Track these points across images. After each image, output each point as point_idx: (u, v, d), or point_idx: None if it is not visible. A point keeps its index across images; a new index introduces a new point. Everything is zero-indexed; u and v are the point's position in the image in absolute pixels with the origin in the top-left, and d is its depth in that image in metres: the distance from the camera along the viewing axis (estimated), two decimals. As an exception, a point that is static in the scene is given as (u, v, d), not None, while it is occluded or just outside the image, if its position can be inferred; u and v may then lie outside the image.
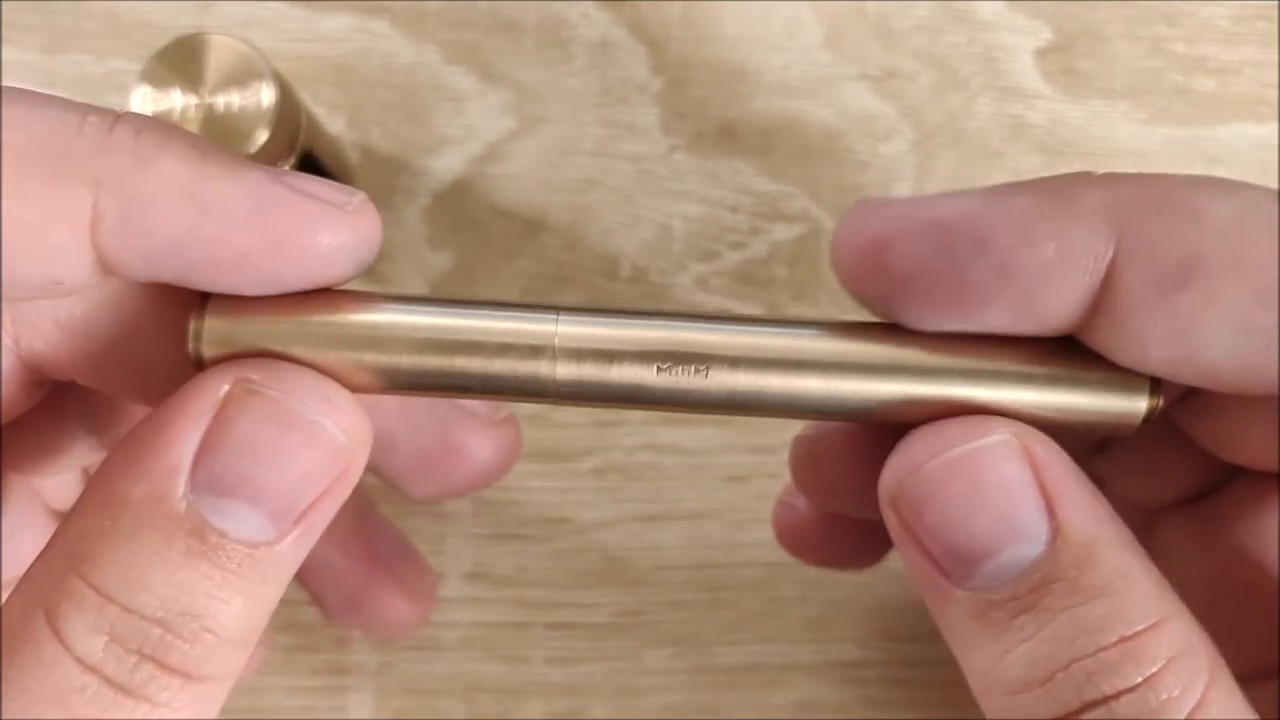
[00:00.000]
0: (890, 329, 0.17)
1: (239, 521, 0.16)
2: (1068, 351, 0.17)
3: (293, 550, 0.16)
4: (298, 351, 0.17)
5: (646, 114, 0.31)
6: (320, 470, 0.16)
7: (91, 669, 0.15)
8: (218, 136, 0.25)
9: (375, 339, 0.17)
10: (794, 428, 0.29)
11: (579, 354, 0.17)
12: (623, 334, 0.17)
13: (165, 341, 0.18)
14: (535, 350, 0.17)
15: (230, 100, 0.26)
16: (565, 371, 0.17)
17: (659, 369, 0.17)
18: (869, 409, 0.17)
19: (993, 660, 0.16)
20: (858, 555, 0.24)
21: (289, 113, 0.26)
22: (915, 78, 0.32)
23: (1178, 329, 0.16)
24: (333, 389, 0.17)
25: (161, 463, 0.16)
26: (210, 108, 0.26)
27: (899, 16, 0.32)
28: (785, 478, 0.30)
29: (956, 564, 0.16)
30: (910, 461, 0.17)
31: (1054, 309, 0.16)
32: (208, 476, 0.16)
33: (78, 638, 0.15)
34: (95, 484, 0.16)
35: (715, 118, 0.31)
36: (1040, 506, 0.16)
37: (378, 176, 0.31)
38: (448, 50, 0.32)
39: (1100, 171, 0.17)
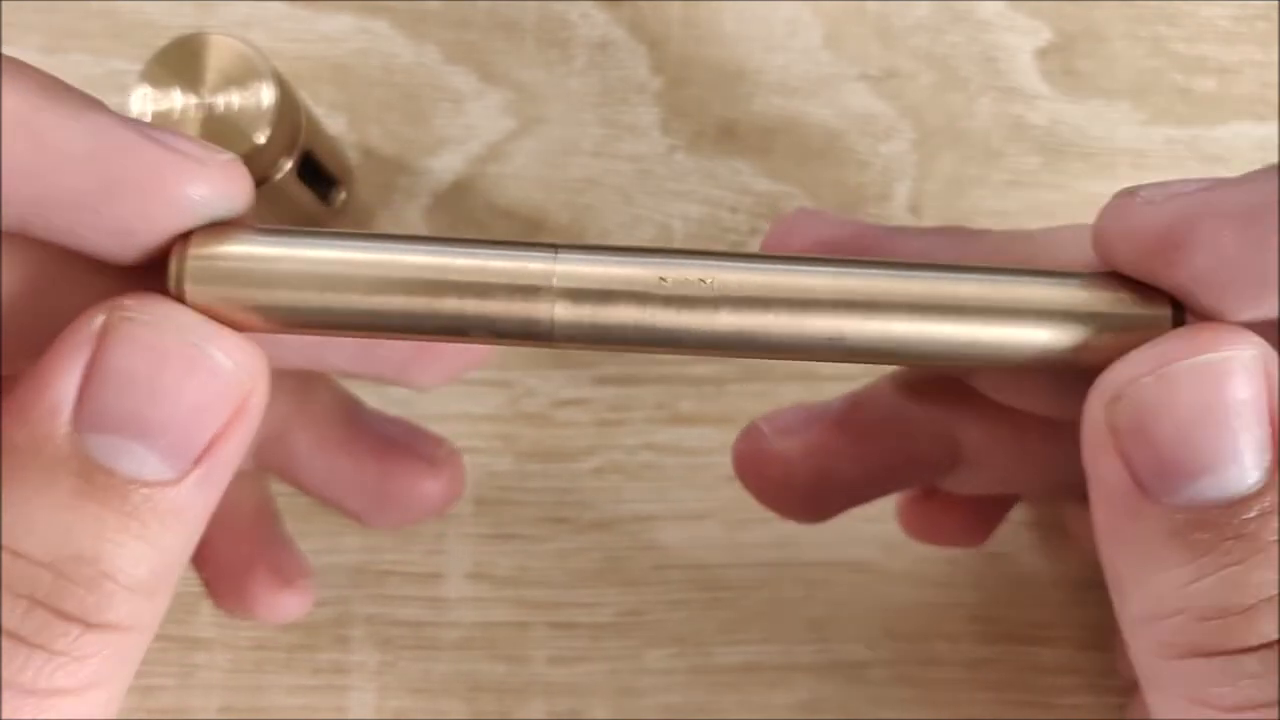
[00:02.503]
0: (885, 263, 0.17)
1: (130, 459, 0.15)
2: (1091, 286, 0.16)
3: (195, 493, 0.15)
4: (281, 294, 0.16)
5: (646, 114, 0.31)
6: (212, 401, 0.15)
7: None
8: (218, 136, 0.25)
9: (365, 279, 0.16)
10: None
11: (580, 294, 0.16)
12: (627, 272, 0.16)
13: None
14: (531, 291, 0.16)
15: (230, 100, 0.26)
16: (565, 313, 0.16)
17: (666, 299, 0.16)
18: (883, 349, 0.16)
19: (1184, 581, 0.15)
20: (813, 503, 0.23)
21: (289, 113, 0.26)
22: (915, 78, 0.32)
23: None
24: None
25: (39, 403, 0.15)
26: (210, 108, 0.26)
27: (899, 16, 0.32)
28: (785, 478, 0.30)
29: (1163, 477, 0.15)
30: (1155, 361, 0.15)
31: None
32: (91, 413, 0.15)
33: None
34: None
35: (715, 118, 0.31)
36: (1268, 433, 0.15)
37: (378, 176, 0.31)
38: (447, 50, 0.32)
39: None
